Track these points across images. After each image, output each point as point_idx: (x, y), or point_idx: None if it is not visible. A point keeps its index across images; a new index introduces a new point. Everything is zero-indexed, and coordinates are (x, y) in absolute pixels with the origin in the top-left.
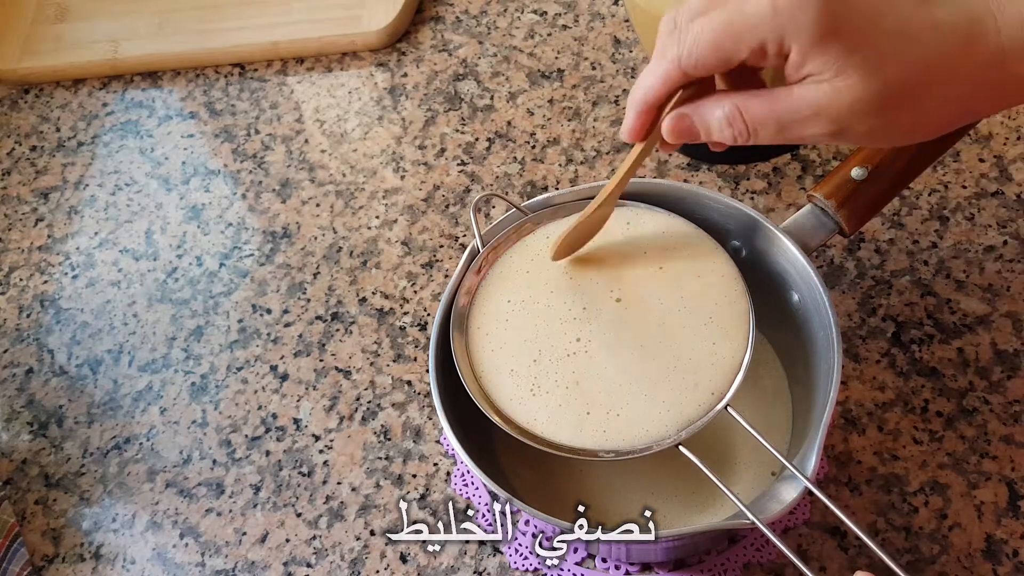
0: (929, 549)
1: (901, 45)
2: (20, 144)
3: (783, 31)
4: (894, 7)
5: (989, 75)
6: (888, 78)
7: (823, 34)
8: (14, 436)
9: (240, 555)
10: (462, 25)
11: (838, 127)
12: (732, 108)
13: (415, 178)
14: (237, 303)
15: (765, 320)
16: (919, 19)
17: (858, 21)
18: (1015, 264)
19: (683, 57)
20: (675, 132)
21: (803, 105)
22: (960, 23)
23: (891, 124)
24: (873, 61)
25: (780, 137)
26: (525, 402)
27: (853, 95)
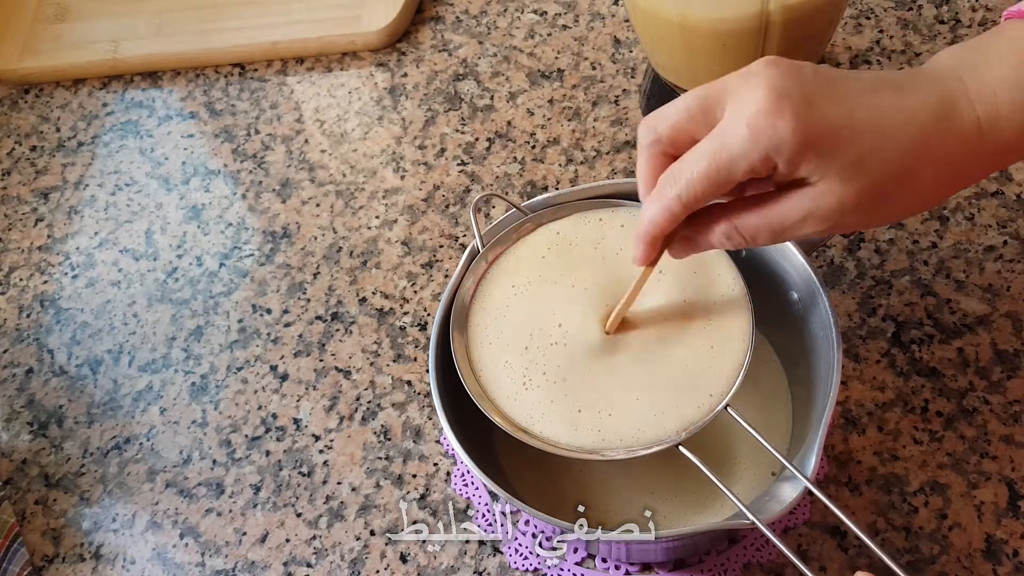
0: (929, 549)
1: (879, 141)
2: (20, 144)
3: (765, 150)
4: (868, 105)
5: (971, 148)
6: (870, 174)
7: (801, 146)
8: (14, 436)
9: (240, 555)
10: (462, 25)
11: (829, 224)
12: (729, 227)
13: (415, 178)
14: (237, 303)
15: (765, 320)
16: (894, 112)
17: (832, 127)
18: (1015, 264)
19: (683, 195)
20: (682, 253)
21: (792, 212)
22: (932, 104)
23: (881, 212)
24: (853, 163)
25: (778, 240)
26: (523, 400)
27: (838, 196)
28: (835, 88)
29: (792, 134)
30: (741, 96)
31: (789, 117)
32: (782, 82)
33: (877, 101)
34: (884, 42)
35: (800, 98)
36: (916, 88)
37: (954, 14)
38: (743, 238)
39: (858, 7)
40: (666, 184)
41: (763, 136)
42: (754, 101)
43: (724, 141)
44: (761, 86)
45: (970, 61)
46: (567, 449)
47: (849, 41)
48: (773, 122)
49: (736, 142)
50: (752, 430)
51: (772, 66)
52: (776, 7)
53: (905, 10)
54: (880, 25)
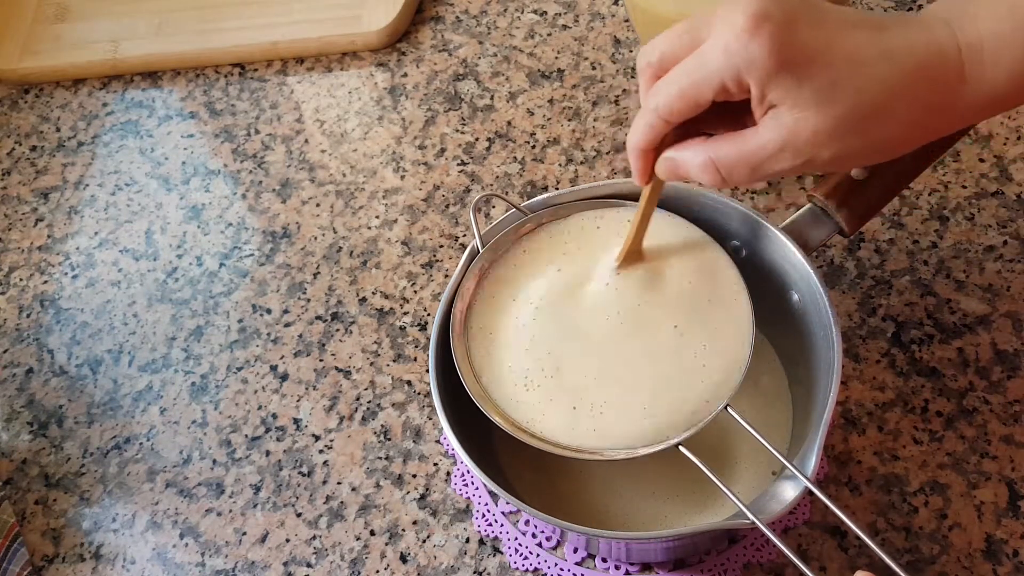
0: (929, 549)
1: (853, 72)
2: (20, 144)
3: (738, 69)
4: (846, 36)
5: (952, 96)
6: (844, 105)
7: (775, 67)
8: (14, 436)
9: (240, 555)
10: (462, 25)
11: (804, 158)
12: (705, 158)
13: (415, 178)
14: (237, 303)
15: (765, 320)
16: (872, 46)
17: (807, 52)
18: (1015, 264)
19: (660, 108)
20: (667, 174)
21: (768, 142)
22: (918, 46)
23: (854, 148)
24: (826, 90)
25: (755, 176)
26: (523, 400)
27: (811, 125)
28: (818, 15)
29: (767, 55)
30: (724, 19)
31: (765, 37)
32: (763, 5)
33: (856, 35)
34: None
35: (780, 20)
36: (900, 30)
37: None
38: (719, 175)
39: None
40: (649, 98)
41: (737, 55)
42: (734, 22)
43: (702, 59)
44: (743, 8)
45: (961, 10)
46: (567, 449)
47: None
48: (748, 42)
49: (712, 59)
50: (752, 430)
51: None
52: None
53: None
54: None
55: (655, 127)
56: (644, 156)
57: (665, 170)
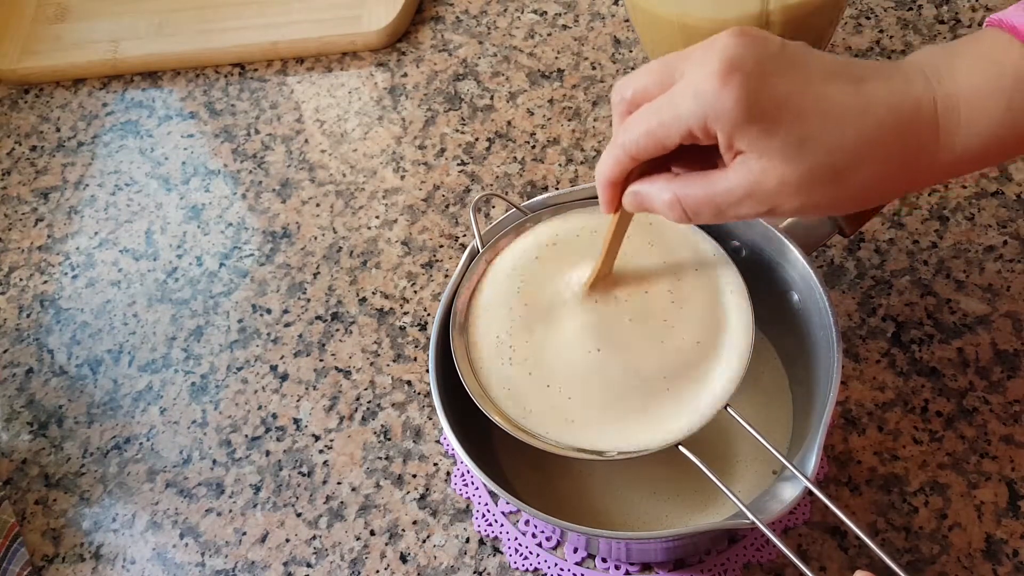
0: (929, 549)
1: (825, 127)
2: (20, 144)
3: (705, 116)
4: (821, 89)
5: (925, 153)
6: (812, 160)
7: (742, 118)
8: (14, 436)
9: (240, 555)
10: (462, 25)
11: (769, 206)
12: (671, 196)
13: (415, 178)
14: (237, 303)
15: (765, 320)
16: (847, 101)
17: (778, 104)
18: (1015, 264)
19: (627, 145)
20: (633, 207)
21: (734, 188)
22: (893, 101)
23: (821, 200)
24: (794, 144)
25: (720, 218)
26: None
27: (778, 176)
28: (793, 66)
29: (735, 103)
30: (697, 62)
31: (734, 87)
32: (738, 51)
33: (831, 88)
34: (884, 42)
35: (752, 70)
36: (879, 82)
37: (954, 14)
38: (685, 212)
39: (858, 7)
40: (618, 133)
41: (706, 101)
42: (706, 67)
43: (672, 101)
44: (717, 54)
45: (942, 64)
46: (567, 449)
47: (849, 41)
48: (718, 89)
49: (681, 103)
50: (752, 430)
51: (736, 35)
52: (776, 7)
53: (905, 10)
54: (880, 25)
55: (622, 162)
56: (611, 187)
57: (631, 203)
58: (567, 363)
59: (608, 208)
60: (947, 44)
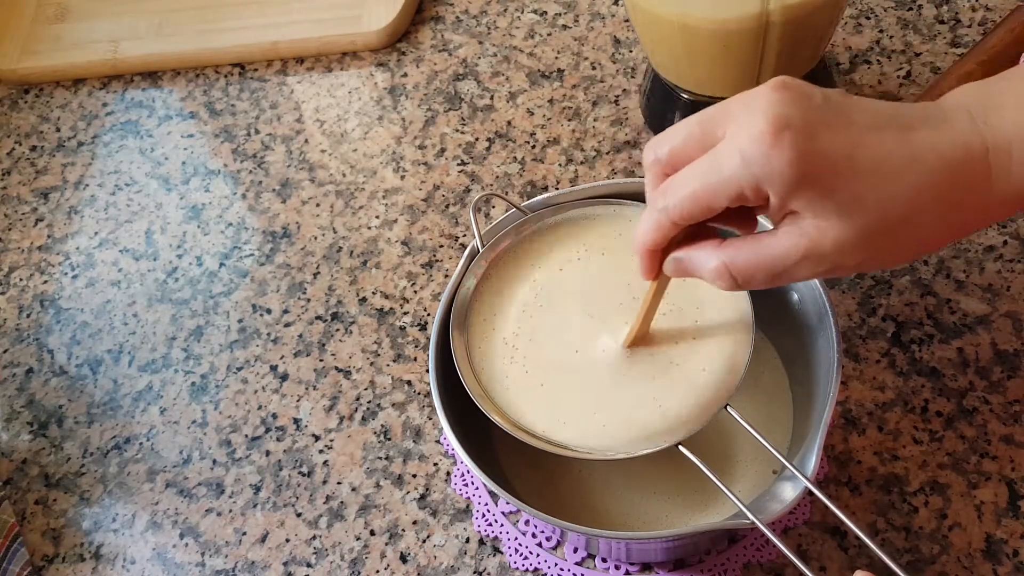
0: (929, 549)
1: (879, 182)
2: (20, 144)
3: (757, 180)
4: (871, 143)
5: (979, 195)
6: (869, 217)
7: (795, 179)
8: (14, 436)
9: (240, 555)
10: (462, 25)
11: (828, 266)
12: (719, 263)
13: (415, 178)
14: (237, 303)
15: (765, 320)
16: (897, 152)
17: (831, 163)
18: (1015, 264)
19: (670, 211)
20: (676, 274)
21: (789, 251)
22: (944, 148)
23: (880, 255)
24: (849, 203)
25: (774, 283)
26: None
27: (835, 236)
28: (840, 120)
29: (788, 166)
30: (741, 121)
31: (786, 147)
32: (784, 109)
33: (881, 140)
34: (884, 42)
35: (801, 128)
36: (926, 129)
37: (954, 14)
38: (735, 279)
39: (858, 7)
40: (657, 197)
41: (756, 164)
42: (752, 127)
43: (717, 163)
44: (762, 112)
45: (986, 103)
46: (567, 449)
47: (849, 41)
48: (768, 151)
49: (728, 166)
50: (752, 430)
51: (778, 90)
52: (776, 7)
53: (905, 10)
54: (880, 25)
55: (664, 228)
56: (652, 256)
57: (674, 270)
58: (567, 363)
59: (648, 276)
60: (986, 81)
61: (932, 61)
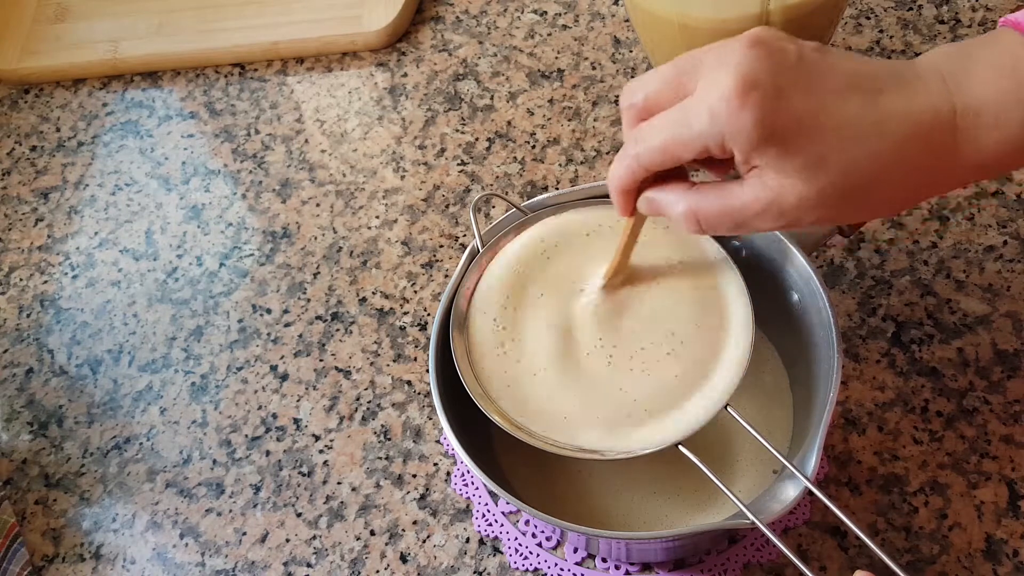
0: (929, 549)
1: (843, 145)
2: (20, 144)
3: (722, 136)
4: (838, 104)
5: (945, 160)
6: (831, 177)
7: (760, 138)
8: (14, 436)
9: (240, 555)
10: (462, 25)
11: (788, 220)
12: (687, 208)
13: (415, 178)
14: (237, 303)
15: (765, 320)
16: (865, 117)
17: (795, 124)
18: (1015, 264)
19: (640, 157)
20: (648, 212)
21: (752, 202)
22: (913, 112)
23: (842, 213)
24: (813, 162)
25: (736, 231)
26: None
27: (797, 193)
28: (811, 80)
29: (753, 126)
30: (712, 76)
31: (751, 107)
32: (752, 67)
33: (848, 104)
34: (884, 42)
35: (768, 87)
36: (896, 93)
37: (954, 14)
38: (700, 224)
39: (858, 7)
40: (629, 142)
41: (722, 121)
42: (722, 84)
43: (685, 117)
44: (732, 68)
45: (959, 66)
46: (567, 449)
47: (849, 41)
48: (735, 110)
49: (696, 122)
50: (752, 430)
51: (752, 46)
52: (776, 7)
53: (905, 10)
54: (880, 25)
55: (635, 172)
56: (625, 195)
57: (647, 208)
58: (567, 363)
59: (623, 212)
60: (962, 45)
61: None
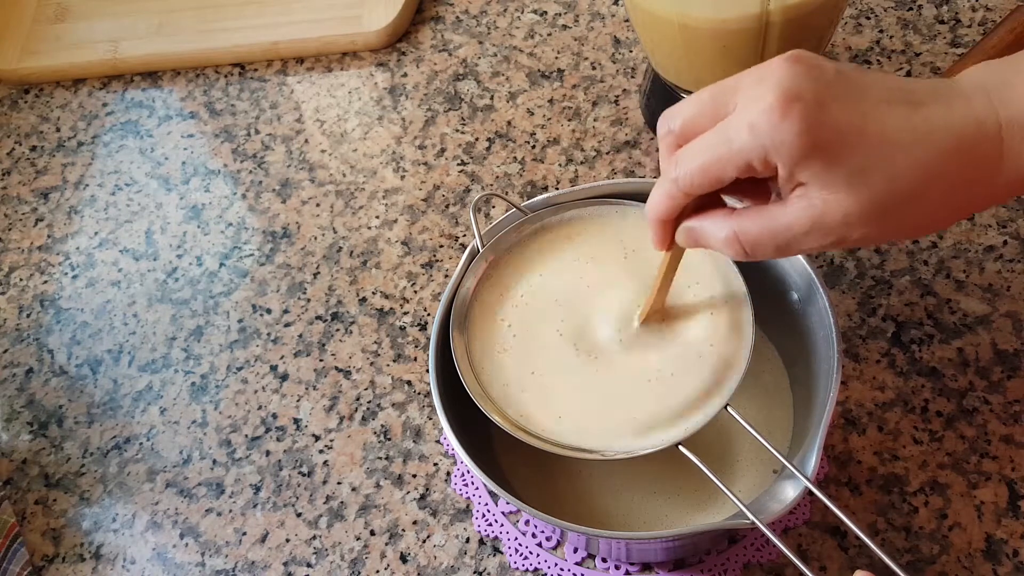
0: (929, 549)
1: (887, 155)
2: (20, 144)
3: (765, 151)
4: (880, 115)
5: (990, 174)
6: (876, 190)
7: (804, 150)
8: (14, 436)
9: (240, 555)
10: (462, 25)
11: (833, 238)
12: (730, 232)
13: (415, 178)
14: (237, 303)
15: (765, 320)
16: (907, 127)
17: (839, 135)
18: (1015, 264)
19: (680, 181)
20: (688, 243)
21: (796, 222)
22: (956, 124)
23: (887, 229)
24: (856, 174)
25: (781, 253)
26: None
27: (843, 208)
28: (851, 93)
29: (796, 137)
30: (751, 93)
31: (795, 119)
32: (794, 82)
33: (892, 115)
34: (884, 42)
35: (811, 100)
36: (938, 105)
37: (954, 14)
38: (744, 248)
39: (858, 7)
40: (668, 168)
41: (765, 135)
42: (763, 99)
43: (726, 135)
44: (772, 85)
45: (1001, 80)
46: (567, 449)
47: (849, 41)
48: (777, 122)
49: (737, 138)
50: (752, 430)
51: (790, 63)
52: (776, 7)
53: (905, 10)
54: (880, 25)
55: (675, 198)
56: (664, 225)
57: (686, 240)
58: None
59: (661, 246)
60: (1008, 60)
61: (932, 61)
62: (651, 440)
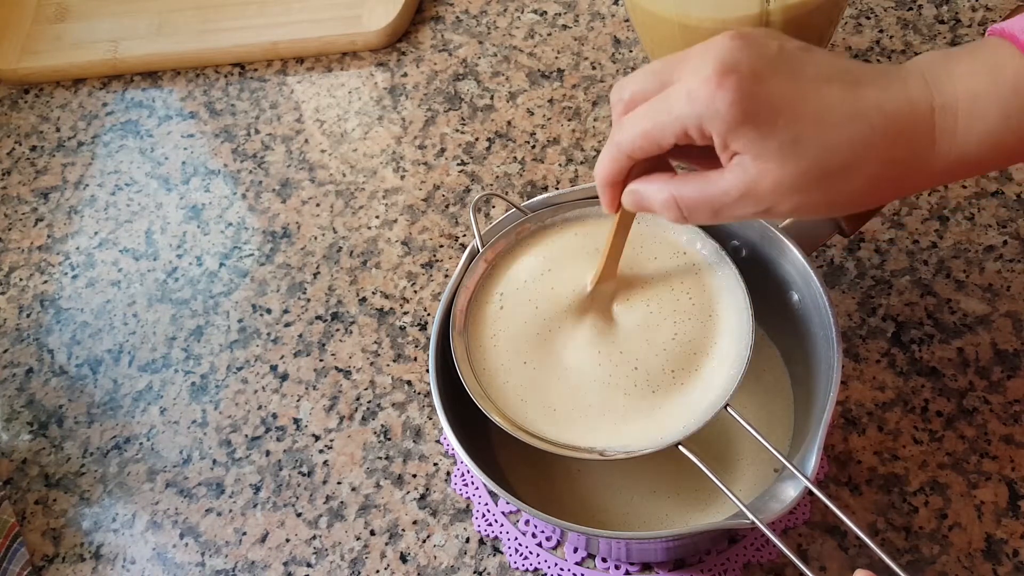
0: (929, 549)
1: (820, 130)
2: (20, 144)
3: (700, 118)
4: (817, 92)
5: (921, 157)
6: (807, 162)
7: (737, 119)
8: (14, 436)
9: (240, 555)
10: (462, 25)
11: (764, 207)
12: (668, 195)
13: (415, 178)
14: (237, 303)
15: (765, 320)
16: (841, 104)
17: (772, 107)
18: (1015, 264)
19: (623, 145)
20: (632, 206)
21: (730, 189)
22: (888, 104)
23: (816, 201)
24: (788, 145)
25: (716, 219)
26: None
27: (773, 178)
28: (790, 68)
29: (728, 106)
30: (693, 64)
31: (729, 89)
32: (733, 55)
33: (826, 91)
34: (884, 42)
35: (747, 72)
36: (875, 87)
37: (954, 14)
38: (681, 211)
39: (858, 7)
40: (614, 132)
41: (700, 104)
42: (701, 70)
43: (667, 103)
44: (712, 57)
45: (942, 68)
46: (567, 449)
47: (849, 41)
48: (712, 92)
49: (675, 106)
50: (752, 430)
51: (733, 38)
52: (776, 7)
53: (905, 10)
54: (880, 25)
55: (619, 161)
56: (610, 188)
57: (630, 202)
58: (567, 364)
59: (609, 207)
60: (949, 50)
61: None
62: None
